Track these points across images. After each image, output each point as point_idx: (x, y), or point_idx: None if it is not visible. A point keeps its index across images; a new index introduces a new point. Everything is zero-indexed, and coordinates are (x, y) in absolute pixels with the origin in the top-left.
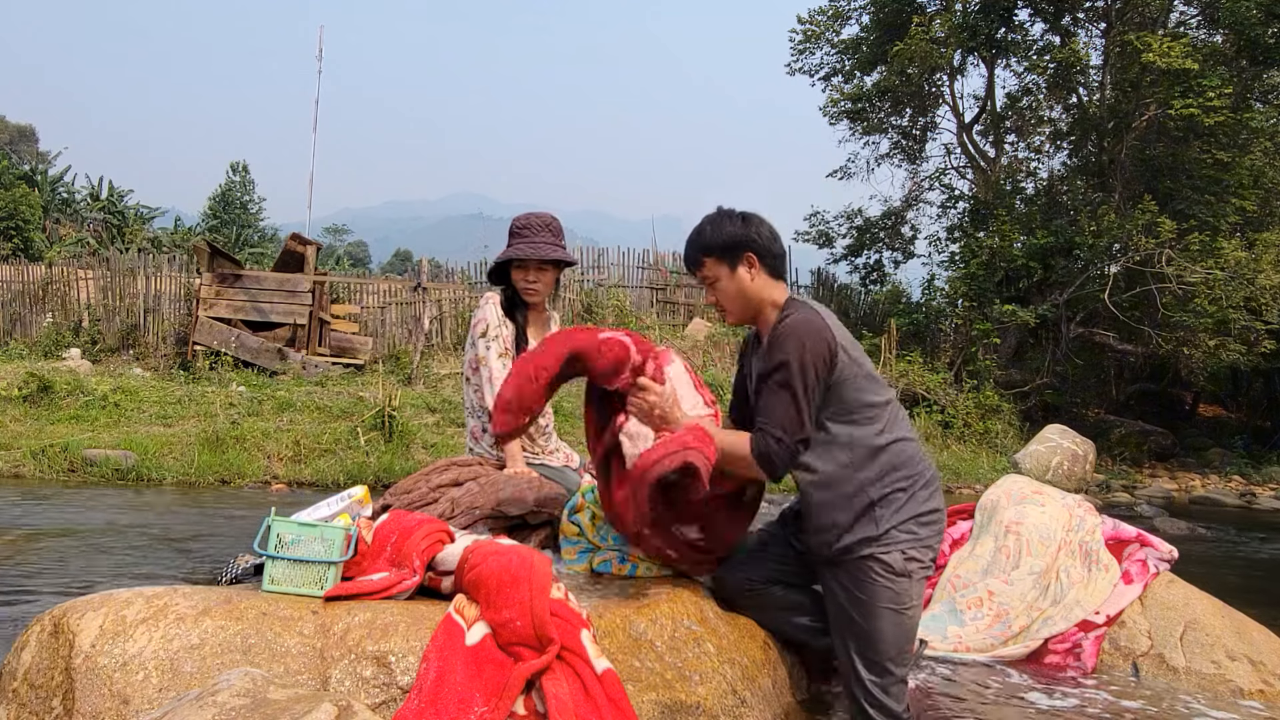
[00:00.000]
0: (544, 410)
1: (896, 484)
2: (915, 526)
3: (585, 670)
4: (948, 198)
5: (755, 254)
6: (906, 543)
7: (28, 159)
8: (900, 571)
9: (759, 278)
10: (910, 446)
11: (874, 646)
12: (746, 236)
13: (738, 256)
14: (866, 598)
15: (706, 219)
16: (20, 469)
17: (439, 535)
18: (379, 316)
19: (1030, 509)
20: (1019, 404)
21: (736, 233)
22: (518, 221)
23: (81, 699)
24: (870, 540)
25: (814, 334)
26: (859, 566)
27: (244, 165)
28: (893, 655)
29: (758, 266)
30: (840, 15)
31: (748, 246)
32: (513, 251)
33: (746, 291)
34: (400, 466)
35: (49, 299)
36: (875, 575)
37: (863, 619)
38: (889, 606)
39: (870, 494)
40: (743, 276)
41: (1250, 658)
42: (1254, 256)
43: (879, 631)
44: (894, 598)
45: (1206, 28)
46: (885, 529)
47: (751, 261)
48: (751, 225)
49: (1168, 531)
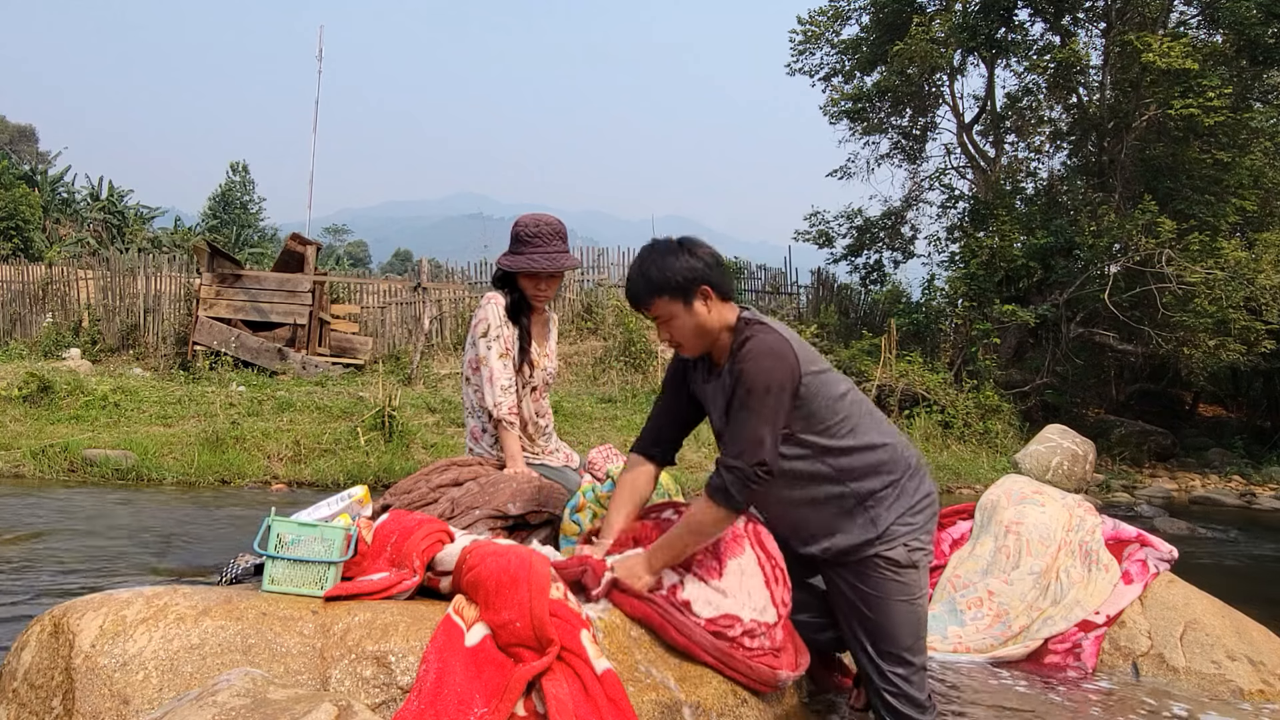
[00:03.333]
0: (545, 410)
1: (885, 483)
2: (911, 517)
3: (585, 671)
4: (948, 198)
5: (709, 285)
6: (906, 535)
7: (28, 159)
8: (906, 563)
9: (714, 307)
10: (890, 444)
11: (889, 638)
12: (698, 270)
13: (692, 292)
14: (876, 593)
15: (644, 256)
16: (20, 469)
17: (439, 535)
18: (379, 316)
19: (1030, 509)
20: (1019, 404)
21: (685, 267)
22: (528, 228)
23: (81, 699)
24: (872, 541)
25: (776, 357)
26: (865, 565)
27: (244, 165)
28: (909, 644)
29: (713, 297)
30: (840, 15)
31: (702, 280)
32: (529, 263)
33: (705, 325)
34: (400, 466)
35: (49, 299)
36: (882, 571)
37: (875, 614)
38: (900, 599)
39: (862, 499)
40: (699, 311)
41: (1250, 658)
42: (1254, 256)
43: (893, 624)
44: (903, 589)
45: (1206, 28)
46: (884, 527)
47: (707, 294)
48: (698, 255)
49: (1168, 531)
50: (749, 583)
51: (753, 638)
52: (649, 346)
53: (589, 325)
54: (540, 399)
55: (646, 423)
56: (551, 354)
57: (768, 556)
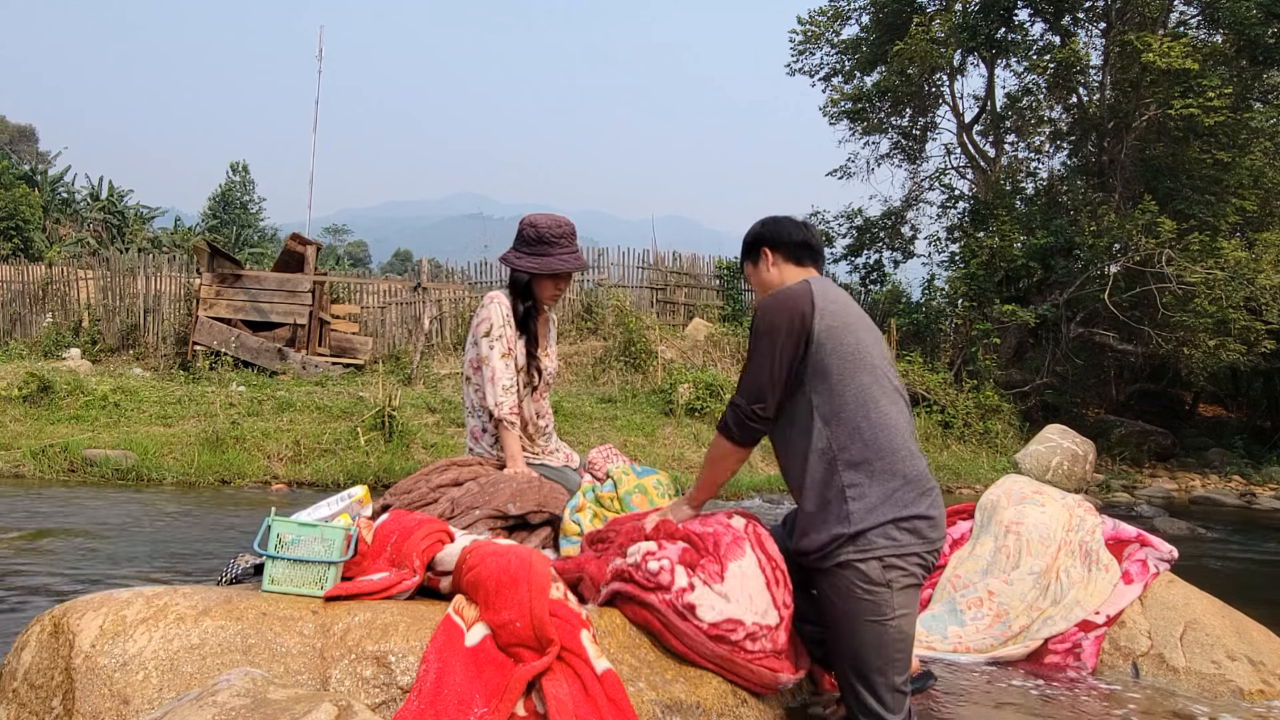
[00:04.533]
0: (545, 411)
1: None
2: (896, 532)
3: (585, 671)
4: (948, 198)
5: (769, 246)
6: (886, 549)
7: (28, 159)
8: (878, 581)
9: (776, 267)
10: (895, 447)
11: (858, 655)
12: (760, 233)
13: (756, 252)
14: (846, 609)
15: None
16: (20, 469)
17: (439, 535)
18: (379, 316)
19: (1030, 509)
20: (1019, 404)
21: (753, 232)
22: (551, 229)
23: (81, 699)
24: (842, 540)
25: (788, 302)
26: (838, 575)
27: (244, 165)
28: (879, 665)
29: (773, 257)
30: (840, 15)
31: (762, 242)
32: (561, 264)
33: (766, 282)
34: (400, 466)
35: (49, 299)
36: (852, 585)
37: (845, 629)
38: (868, 619)
39: (843, 487)
40: (763, 269)
41: (1250, 658)
42: (1254, 256)
43: (861, 642)
44: (872, 609)
45: (1206, 28)
46: (858, 528)
47: (767, 254)
48: (767, 224)
49: (1168, 531)
50: (750, 585)
51: (754, 641)
52: (649, 346)
53: (589, 325)
54: (541, 399)
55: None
56: (552, 354)
57: (768, 558)
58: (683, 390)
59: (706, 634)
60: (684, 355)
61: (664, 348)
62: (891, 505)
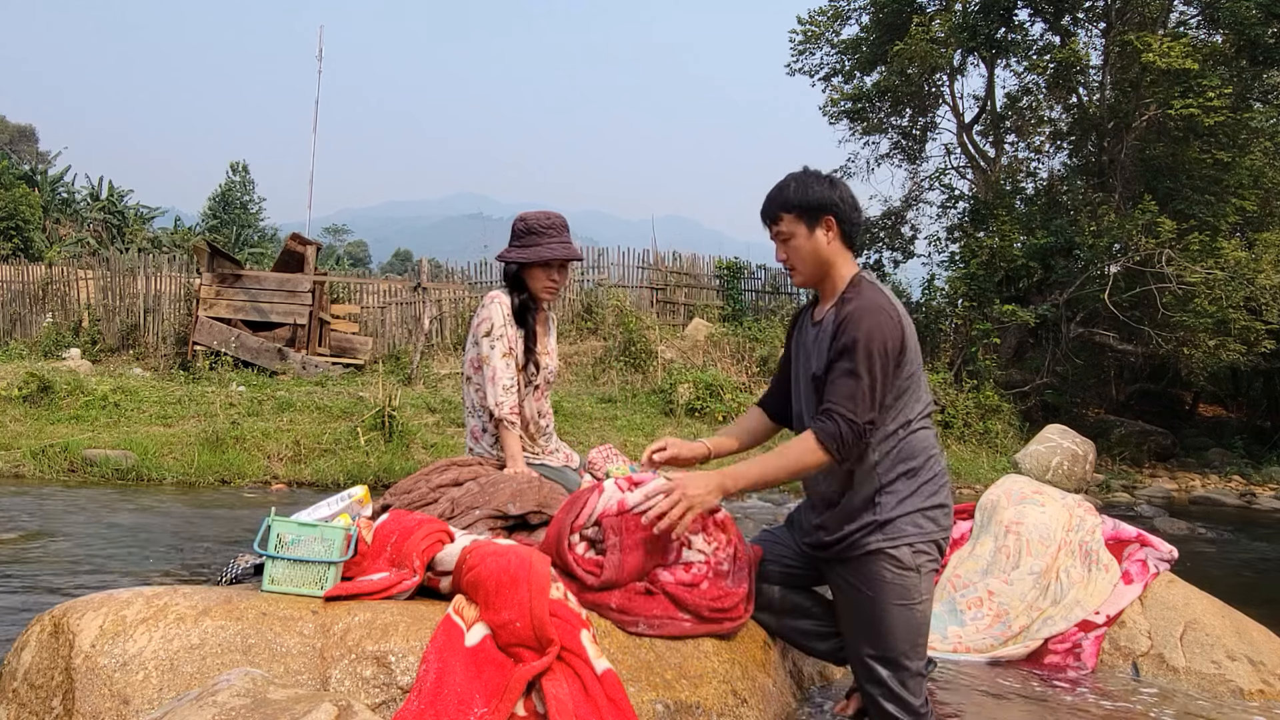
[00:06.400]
0: (545, 410)
1: (900, 472)
2: (922, 520)
3: (585, 671)
4: (948, 198)
5: (835, 218)
6: (914, 536)
7: (28, 159)
8: (909, 566)
9: (834, 243)
10: (927, 435)
11: (885, 642)
12: (830, 199)
13: (817, 218)
14: (875, 594)
15: (792, 176)
16: (20, 469)
17: (439, 535)
18: (379, 316)
19: (1030, 509)
20: (1019, 404)
21: (821, 194)
22: (539, 221)
23: (81, 699)
24: (874, 527)
25: (888, 319)
26: (866, 562)
27: (244, 165)
28: (905, 650)
29: (834, 231)
30: (840, 15)
31: (830, 210)
32: (549, 252)
33: (820, 254)
34: (400, 466)
35: (49, 299)
36: (883, 571)
37: (872, 615)
38: (898, 603)
39: (881, 481)
40: (819, 239)
41: (1250, 658)
42: (1254, 256)
43: (889, 627)
44: (902, 593)
45: (1206, 28)
46: (889, 517)
47: (830, 225)
48: (837, 189)
49: (1168, 531)
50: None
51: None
52: (649, 346)
53: (589, 325)
54: (541, 399)
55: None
56: (552, 352)
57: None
58: (683, 390)
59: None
60: (684, 355)
61: (664, 348)
62: (918, 496)
